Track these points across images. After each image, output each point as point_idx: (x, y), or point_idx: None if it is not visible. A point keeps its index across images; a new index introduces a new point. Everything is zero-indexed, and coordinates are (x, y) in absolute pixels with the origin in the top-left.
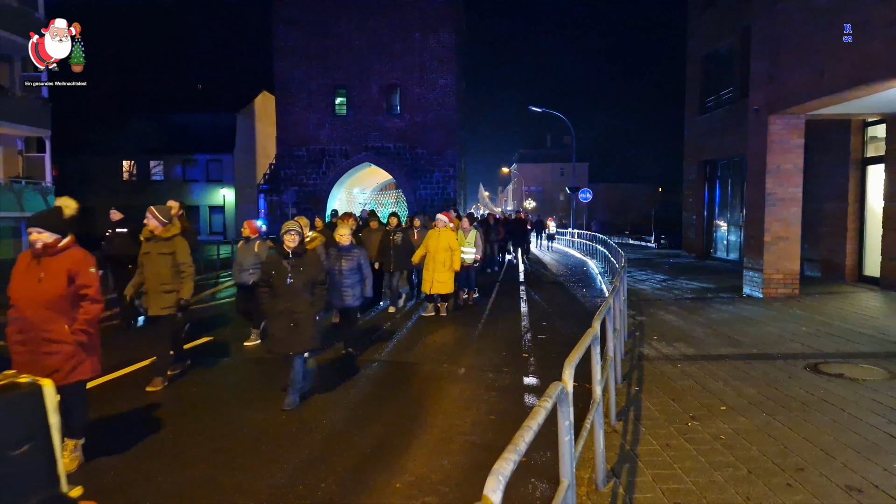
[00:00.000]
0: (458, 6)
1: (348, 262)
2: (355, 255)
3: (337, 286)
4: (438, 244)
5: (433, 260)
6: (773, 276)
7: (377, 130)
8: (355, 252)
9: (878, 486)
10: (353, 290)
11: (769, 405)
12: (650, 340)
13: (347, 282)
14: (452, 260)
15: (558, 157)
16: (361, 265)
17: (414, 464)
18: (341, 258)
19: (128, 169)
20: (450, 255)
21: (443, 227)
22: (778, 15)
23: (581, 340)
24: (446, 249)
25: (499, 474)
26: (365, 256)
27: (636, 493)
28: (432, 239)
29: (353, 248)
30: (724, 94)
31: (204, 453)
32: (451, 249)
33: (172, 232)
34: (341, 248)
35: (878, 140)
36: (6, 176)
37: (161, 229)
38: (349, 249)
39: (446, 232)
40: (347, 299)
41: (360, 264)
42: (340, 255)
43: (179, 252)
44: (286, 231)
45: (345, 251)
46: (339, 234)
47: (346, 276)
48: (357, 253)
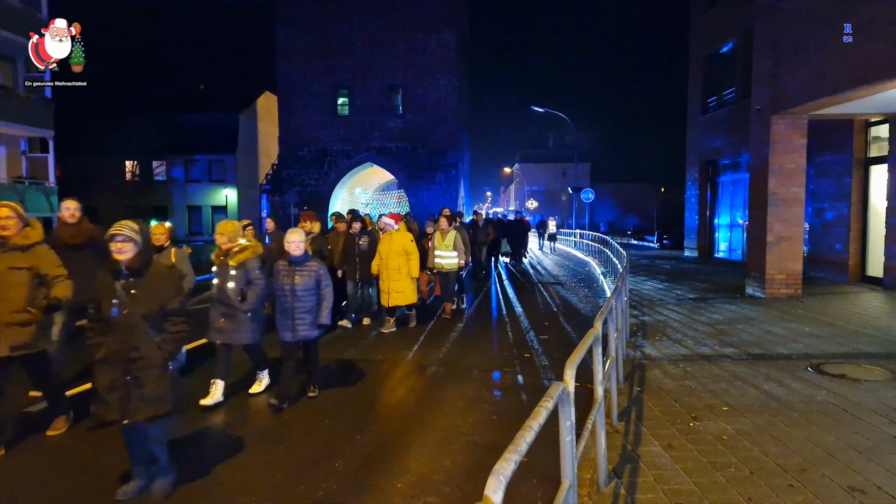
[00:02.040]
0: (459, 6)
1: (302, 278)
2: (311, 270)
3: (286, 312)
4: (391, 249)
5: (386, 267)
6: (776, 276)
7: (379, 130)
8: (312, 265)
9: (881, 486)
10: (309, 317)
11: (771, 406)
12: (652, 340)
13: (301, 305)
14: (410, 266)
15: (560, 158)
16: (320, 282)
17: (415, 464)
18: (293, 273)
19: (130, 169)
20: (405, 260)
21: (393, 231)
22: (780, 15)
23: (583, 341)
24: (400, 254)
25: (500, 474)
26: (325, 271)
27: (638, 494)
28: (383, 243)
29: (307, 259)
30: (726, 95)
31: (205, 453)
32: (407, 253)
33: (32, 239)
34: (292, 259)
35: (881, 140)
36: (9, 176)
37: (18, 235)
38: (303, 261)
39: (399, 235)
40: (301, 330)
41: (319, 281)
42: (292, 270)
43: (44, 265)
44: (111, 237)
45: (297, 264)
46: (288, 241)
47: (300, 298)
48: (314, 267)
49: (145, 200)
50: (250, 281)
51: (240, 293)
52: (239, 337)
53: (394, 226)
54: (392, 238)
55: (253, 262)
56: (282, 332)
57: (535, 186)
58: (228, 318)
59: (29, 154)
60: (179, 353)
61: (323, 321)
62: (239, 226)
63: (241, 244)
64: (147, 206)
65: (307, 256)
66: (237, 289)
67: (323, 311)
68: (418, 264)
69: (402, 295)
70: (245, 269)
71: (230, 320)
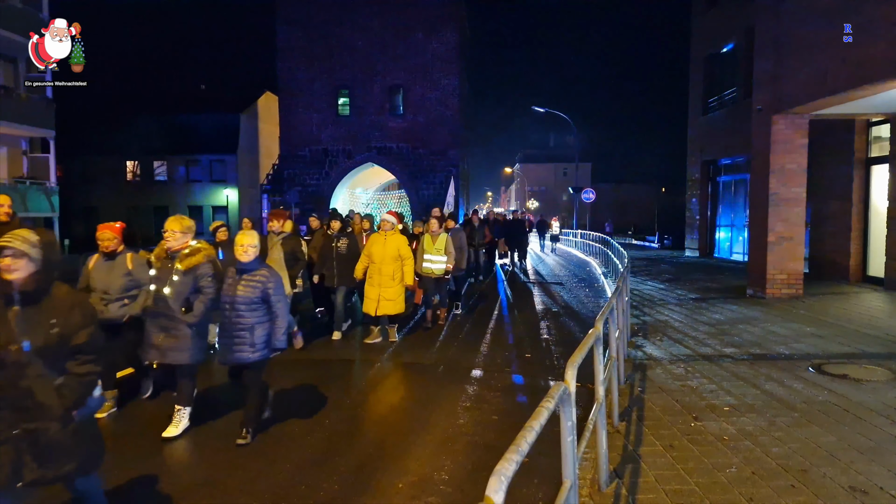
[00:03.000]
0: (460, 7)
1: (245, 289)
2: (258, 281)
3: (226, 330)
4: (385, 252)
5: (378, 272)
6: (777, 276)
7: (380, 130)
8: (260, 275)
9: (883, 487)
10: (253, 337)
11: (773, 406)
12: (653, 340)
13: (240, 322)
14: (404, 272)
15: (561, 158)
16: (269, 295)
17: (416, 464)
18: (237, 283)
19: (131, 169)
20: (400, 266)
21: (389, 231)
22: (781, 15)
23: (584, 341)
24: (395, 259)
25: (501, 475)
26: (276, 283)
27: (639, 494)
28: (376, 245)
29: (257, 267)
30: (727, 95)
31: (205, 454)
32: (402, 258)
33: None
34: (240, 266)
35: (882, 140)
36: (10, 176)
37: None
38: (251, 269)
39: (394, 237)
40: (243, 351)
41: (267, 294)
42: (237, 280)
43: None
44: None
45: (244, 272)
46: (237, 244)
47: (239, 313)
48: (262, 277)
49: (146, 200)
50: (199, 289)
51: (184, 303)
52: (177, 356)
53: (395, 224)
54: (386, 240)
55: (205, 267)
56: (221, 353)
57: (535, 186)
58: (168, 332)
59: (30, 154)
60: (90, 398)
61: (277, 343)
62: (192, 223)
63: (191, 246)
64: (148, 206)
65: (258, 264)
66: (182, 298)
67: (276, 331)
68: (413, 270)
69: (394, 304)
70: (195, 276)
71: (169, 335)
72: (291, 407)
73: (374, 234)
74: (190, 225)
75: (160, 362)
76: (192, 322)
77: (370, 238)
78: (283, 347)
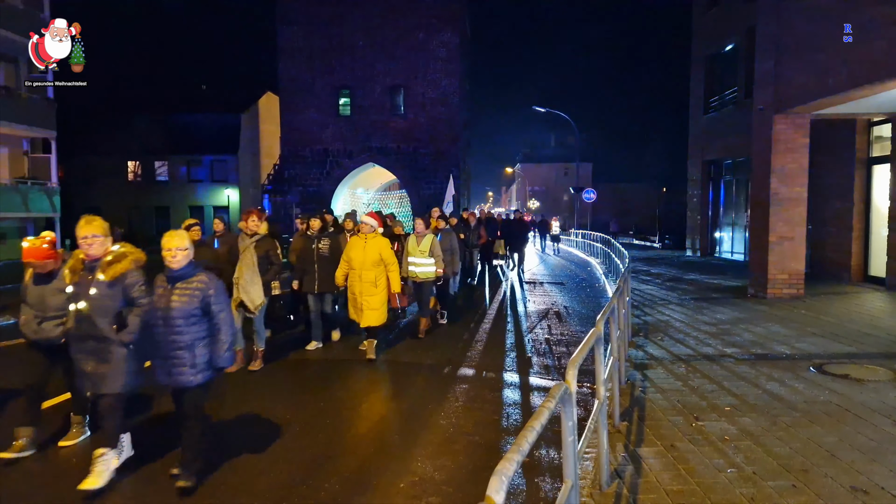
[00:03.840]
0: (461, 7)
1: (181, 300)
2: (196, 289)
3: (161, 349)
4: (365, 257)
5: (359, 280)
6: (778, 276)
7: (381, 131)
8: (197, 282)
9: (884, 487)
10: (194, 356)
11: (774, 406)
12: (655, 340)
13: (177, 339)
14: (389, 278)
15: (562, 157)
16: (210, 305)
17: (417, 464)
18: (170, 293)
19: (133, 169)
20: (383, 272)
21: (370, 233)
22: (782, 15)
23: (585, 341)
24: (376, 263)
25: (502, 475)
26: (218, 289)
27: (640, 494)
28: (355, 250)
29: (192, 273)
30: (728, 94)
31: (205, 453)
32: (385, 263)
33: None
34: (171, 274)
35: (883, 140)
36: (12, 177)
37: None
38: (185, 276)
39: (375, 240)
40: (182, 374)
41: (208, 303)
42: (169, 290)
43: None
44: None
45: (178, 279)
46: (165, 248)
47: (175, 328)
48: (201, 284)
49: (147, 201)
50: (132, 301)
51: (115, 319)
52: (108, 384)
53: (376, 227)
54: (366, 243)
55: (134, 274)
56: (158, 376)
57: (536, 186)
58: (99, 357)
59: (31, 154)
60: None
61: (220, 361)
62: (107, 225)
63: (114, 251)
64: (149, 206)
65: (192, 269)
66: (110, 313)
67: (219, 346)
68: (398, 275)
69: (377, 314)
70: (123, 286)
71: (101, 361)
72: (292, 407)
73: (353, 238)
74: (108, 226)
75: (94, 393)
76: (126, 341)
77: (349, 242)
78: (227, 366)
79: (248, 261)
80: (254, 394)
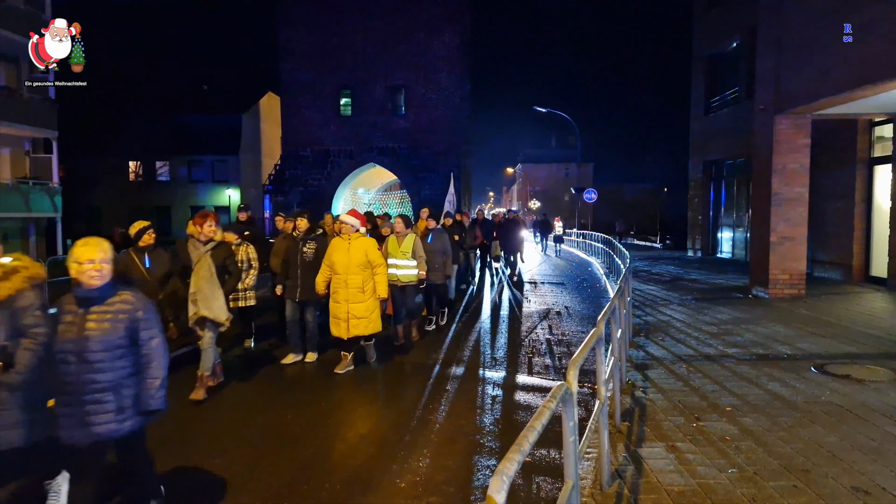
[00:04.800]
0: (462, 7)
1: (101, 326)
2: (121, 310)
3: (71, 394)
4: (350, 260)
5: (344, 286)
6: (779, 276)
7: (382, 131)
8: (121, 302)
9: (885, 487)
10: (119, 398)
11: (775, 406)
12: (656, 340)
13: (98, 379)
14: (376, 282)
15: (563, 158)
16: (138, 331)
17: (418, 464)
18: (84, 319)
19: (134, 170)
20: (370, 276)
21: (353, 233)
22: (783, 14)
23: (586, 341)
24: (363, 267)
25: (503, 475)
26: (147, 311)
27: (641, 494)
28: (338, 253)
29: (113, 292)
30: (730, 94)
31: (208, 453)
32: (372, 266)
33: None
34: (83, 294)
35: (884, 140)
36: (14, 177)
37: None
38: (103, 297)
39: (360, 241)
40: (104, 422)
41: (135, 330)
42: (82, 315)
43: None
44: None
45: (93, 301)
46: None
47: (95, 364)
48: (126, 304)
49: (148, 201)
50: (21, 332)
51: (1, 354)
52: (6, 435)
53: (357, 228)
54: (350, 245)
55: (28, 296)
56: (66, 428)
57: (537, 187)
58: None
59: (33, 154)
60: None
61: (151, 404)
62: None
63: (2, 264)
64: (150, 206)
65: (112, 288)
66: None
67: (149, 384)
68: (386, 279)
69: (366, 322)
70: (11, 311)
71: None
72: (292, 407)
73: (335, 240)
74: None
75: None
76: (14, 382)
77: (331, 244)
78: (159, 409)
79: (205, 272)
80: (253, 395)
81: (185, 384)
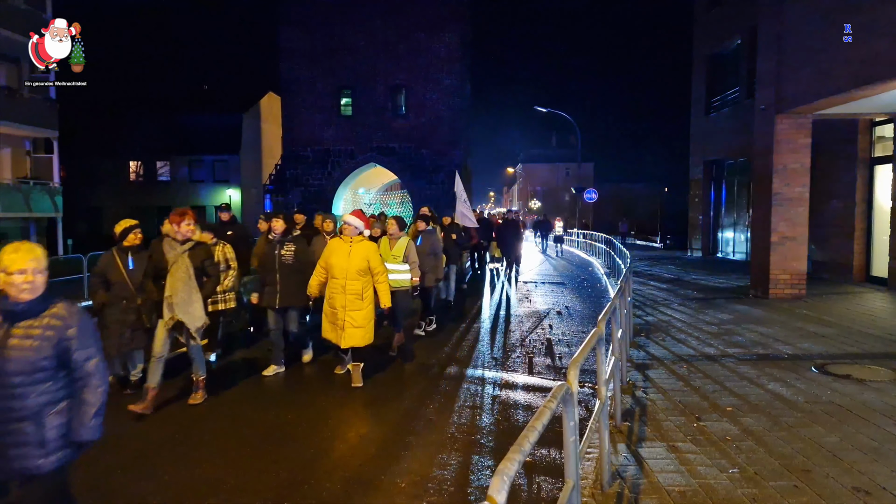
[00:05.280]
0: (463, 7)
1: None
2: (50, 326)
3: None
4: (350, 265)
5: (342, 291)
6: (780, 276)
7: (382, 131)
8: (51, 317)
9: (886, 487)
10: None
11: (776, 406)
12: (656, 340)
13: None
14: (378, 290)
15: (563, 158)
16: (70, 351)
17: (419, 463)
18: (7, 336)
19: (134, 169)
20: (370, 283)
21: (356, 236)
22: (784, 15)
23: (586, 341)
24: (363, 272)
25: (504, 474)
26: (84, 326)
27: (641, 494)
28: (337, 255)
29: (44, 306)
30: (730, 94)
31: (209, 453)
32: (373, 272)
33: None
34: (7, 308)
35: (885, 140)
36: (14, 176)
37: None
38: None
39: (362, 245)
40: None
41: (66, 349)
42: (6, 330)
43: None
44: None
45: (19, 316)
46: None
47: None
48: (56, 320)
49: (149, 201)
50: None
51: None
52: None
53: (361, 231)
54: (351, 248)
55: None
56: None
57: (538, 186)
58: None
59: (33, 154)
60: None
61: (83, 434)
62: None
63: None
64: (151, 206)
65: (43, 301)
66: None
67: (84, 412)
68: (388, 287)
69: (363, 332)
70: None
71: None
72: (293, 407)
73: (334, 240)
74: None
75: None
76: None
77: (329, 244)
78: (94, 438)
79: (182, 274)
80: (253, 395)
81: (183, 386)
